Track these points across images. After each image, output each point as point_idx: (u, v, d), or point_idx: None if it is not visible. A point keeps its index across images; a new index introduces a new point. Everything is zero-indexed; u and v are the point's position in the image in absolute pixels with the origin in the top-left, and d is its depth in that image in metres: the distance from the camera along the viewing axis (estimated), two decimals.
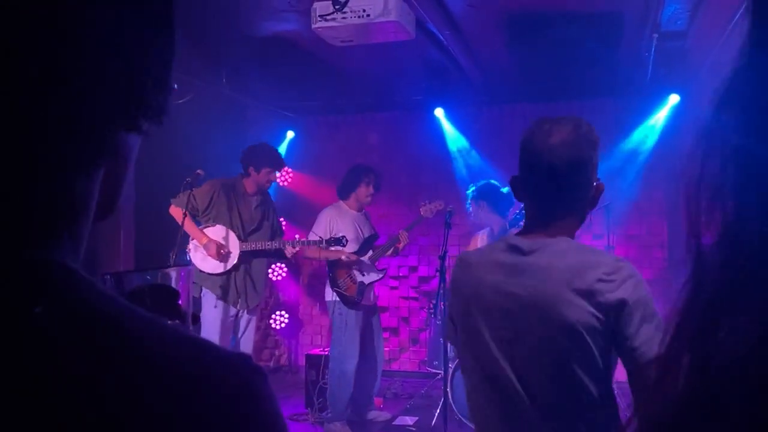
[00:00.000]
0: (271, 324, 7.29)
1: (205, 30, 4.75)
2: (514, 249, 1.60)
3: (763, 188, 0.50)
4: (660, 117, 6.65)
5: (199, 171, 4.86)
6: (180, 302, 0.99)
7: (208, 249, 4.88)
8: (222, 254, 4.91)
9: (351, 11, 3.60)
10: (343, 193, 5.42)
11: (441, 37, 4.99)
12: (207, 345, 0.52)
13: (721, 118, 0.55)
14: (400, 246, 5.42)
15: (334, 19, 3.63)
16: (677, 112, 6.54)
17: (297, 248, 5.17)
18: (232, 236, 5.00)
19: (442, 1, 4.41)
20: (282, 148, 7.46)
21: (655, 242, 6.73)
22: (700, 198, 0.57)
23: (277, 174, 5.18)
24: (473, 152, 7.24)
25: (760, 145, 0.50)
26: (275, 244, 5.10)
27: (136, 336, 0.49)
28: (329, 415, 5.34)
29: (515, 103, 7.13)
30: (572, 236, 1.63)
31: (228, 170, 5.32)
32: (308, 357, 6.41)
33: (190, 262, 4.95)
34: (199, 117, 5.41)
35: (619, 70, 6.00)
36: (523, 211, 4.39)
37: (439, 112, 7.15)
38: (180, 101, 5.04)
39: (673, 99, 6.49)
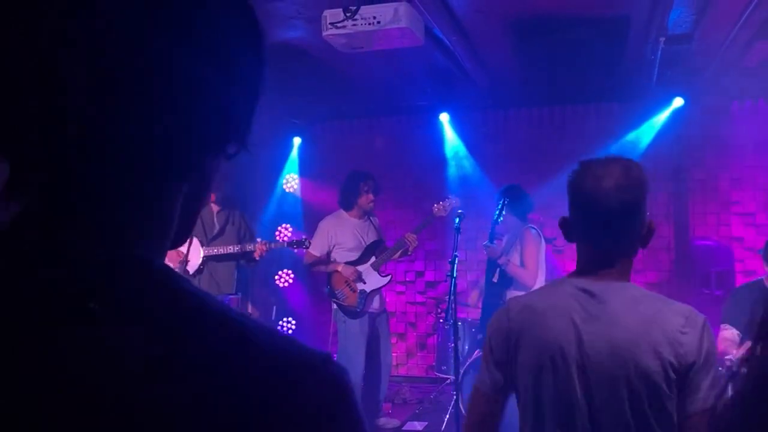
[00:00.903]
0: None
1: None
2: (586, 293, 1.59)
3: None
4: (661, 119, 6.67)
5: None
6: None
7: (168, 255, 4.89)
8: (179, 260, 4.91)
9: (362, 18, 3.62)
10: (346, 205, 5.36)
11: (448, 43, 5.02)
12: (296, 340, 0.55)
13: None
14: (410, 249, 5.36)
15: (344, 27, 3.65)
16: (680, 115, 6.56)
17: (265, 248, 5.16)
18: (195, 242, 5.00)
19: (450, 7, 4.43)
20: (293, 156, 7.52)
21: (661, 245, 6.74)
22: None
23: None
24: (470, 158, 7.25)
25: None
26: (237, 248, 5.11)
27: (242, 329, 0.52)
28: None
29: (520, 107, 7.15)
30: (628, 277, 1.64)
31: (235, 176, 5.34)
32: None
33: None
34: None
35: (624, 73, 6.02)
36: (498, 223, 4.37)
37: (444, 117, 7.17)
38: None
39: (677, 102, 6.51)
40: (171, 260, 4.90)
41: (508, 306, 1.72)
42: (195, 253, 5.00)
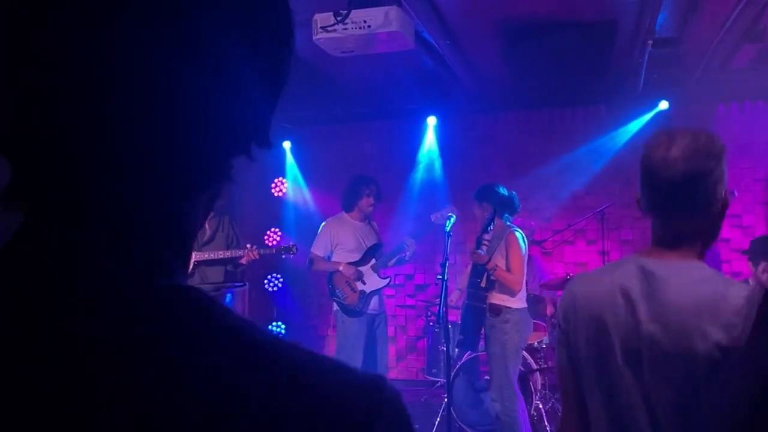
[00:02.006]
0: None
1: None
2: (645, 273, 1.53)
3: None
4: (647, 122, 6.71)
5: None
6: None
7: None
8: None
9: (352, 22, 3.62)
10: (347, 206, 5.45)
11: (437, 47, 5.03)
12: (343, 366, 0.52)
13: None
14: (408, 253, 5.41)
15: (335, 31, 3.65)
16: (667, 117, 6.61)
17: (255, 255, 5.19)
18: None
19: (440, 11, 4.45)
20: (290, 160, 7.51)
21: None
22: None
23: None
24: (449, 162, 7.28)
25: None
26: (228, 253, 5.16)
27: (276, 355, 0.50)
28: None
29: (509, 110, 7.18)
30: (702, 256, 1.55)
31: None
32: None
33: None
34: None
35: (611, 77, 6.06)
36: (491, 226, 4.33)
37: (430, 121, 7.18)
38: None
39: (663, 105, 6.56)
40: None
41: (573, 280, 1.70)
42: None
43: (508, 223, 4.63)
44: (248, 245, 5.25)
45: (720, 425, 1.42)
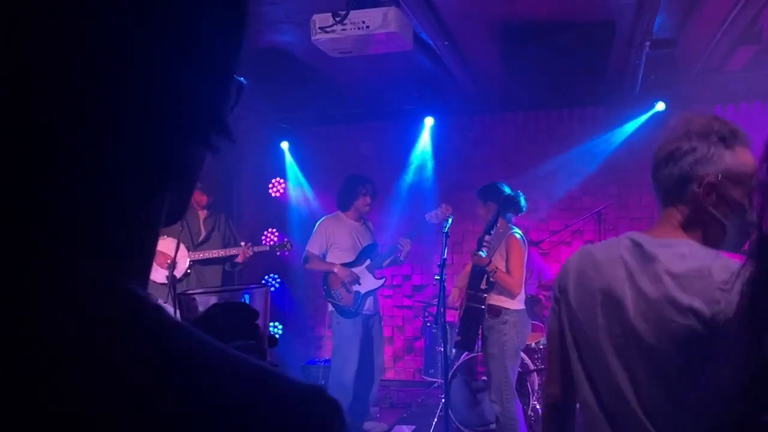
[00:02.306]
0: None
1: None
2: (638, 247, 1.57)
3: None
4: (644, 122, 6.73)
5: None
6: (258, 323, 0.95)
7: (155, 259, 4.88)
8: (167, 264, 4.93)
9: (351, 23, 3.62)
10: (343, 205, 5.46)
11: (435, 48, 5.04)
12: (278, 376, 0.50)
13: None
14: (403, 254, 5.42)
15: (333, 31, 3.65)
16: (664, 118, 6.62)
17: (250, 252, 5.18)
18: (182, 247, 5.03)
19: (438, 12, 4.45)
20: (289, 160, 7.50)
21: None
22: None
23: (203, 198, 5.20)
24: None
25: None
26: (222, 252, 5.16)
27: (204, 365, 0.47)
28: None
29: (506, 111, 7.19)
30: (701, 241, 1.56)
31: (220, 181, 5.33)
32: (304, 368, 6.42)
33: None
34: None
35: (609, 78, 6.07)
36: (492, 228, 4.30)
37: (428, 121, 7.18)
38: None
39: (660, 107, 6.58)
40: (159, 264, 4.89)
41: (578, 251, 1.75)
42: (182, 258, 5.02)
43: (510, 224, 4.60)
44: (243, 243, 5.27)
45: (702, 397, 1.42)
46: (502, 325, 4.42)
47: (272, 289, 7.20)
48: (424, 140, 7.27)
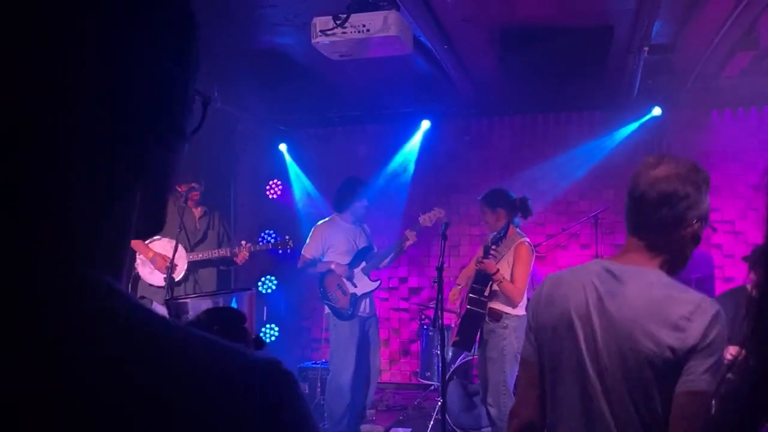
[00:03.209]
0: (260, 337, 7.25)
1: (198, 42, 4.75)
2: (608, 273, 1.66)
3: None
4: (641, 127, 6.74)
5: (194, 185, 4.87)
6: (245, 325, 0.97)
7: (155, 263, 4.89)
8: (167, 267, 4.90)
9: (351, 26, 3.63)
10: (339, 207, 5.44)
11: (434, 51, 5.05)
12: (235, 350, 0.53)
13: None
14: (407, 244, 5.38)
15: (334, 34, 3.66)
16: (661, 123, 6.65)
17: (246, 253, 5.15)
18: (180, 248, 4.99)
19: (437, 16, 4.46)
20: (287, 162, 7.50)
21: None
22: None
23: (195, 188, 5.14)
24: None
25: None
26: (222, 252, 5.11)
27: (166, 342, 0.50)
28: (326, 426, 5.34)
29: (504, 115, 7.20)
30: (665, 271, 1.67)
31: (218, 182, 5.31)
32: (300, 370, 6.41)
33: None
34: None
35: (606, 82, 6.09)
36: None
37: (424, 124, 7.17)
38: None
39: (658, 111, 6.60)
40: (158, 267, 4.87)
41: (545, 278, 1.83)
42: (181, 260, 4.99)
43: (517, 230, 4.56)
44: (243, 242, 5.22)
45: (663, 418, 1.55)
46: (502, 330, 4.41)
47: (269, 291, 7.19)
48: (414, 143, 7.26)
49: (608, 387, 1.60)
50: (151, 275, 4.97)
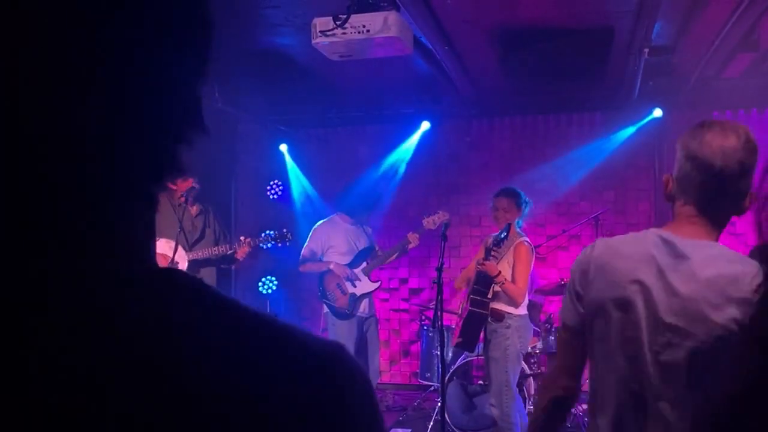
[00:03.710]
0: None
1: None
2: (669, 245, 1.60)
3: None
4: (643, 129, 6.73)
5: (194, 185, 4.87)
6: None
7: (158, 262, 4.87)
8: (167, 266, 4.87)
9: (351, 27, 3.64)
10: (353, 213, 5.45)
11: (434, 52, 5.05)
12: (310, 334, 0.56)
13: None
14: (410, 246, 5.41)
15: (334, 35, 3.66)
16: (663, 125, 6.64)
17: (248, 248, 5.13)
18: (179, 248, 4.99)
19: (437, 17, 4.47)
20: (287, 162, 7.51)
21: None
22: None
23: (189, 181, 5.09)
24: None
25: None
26: (221, 250, 5.09)
27: (254, 325, 0.54)
28: None
29: (504, 116, 7.20)
30: (717, 238, 1.64)
31: (219, 183, 5.31)
32: None
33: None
34: None
35: (607, 84, 6.10)
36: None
37: (424, 125, 7.16)
38: None
39: (659, 112, 6.59)
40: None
41: (594, 244, 1.75)
42: (182, 259, 4.98)
43: (518, 230, 4.57)
44: (242, 237, 5.20)
45: (724, 396, 1.45)
46: (505, 330, 4.41)
47: (269, 291, 7.20)
48: (410, 143, 7.26)
49: (665, 363, 1.55)
50: None
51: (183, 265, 4.99)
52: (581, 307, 1.71)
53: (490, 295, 4.41)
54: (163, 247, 4.91)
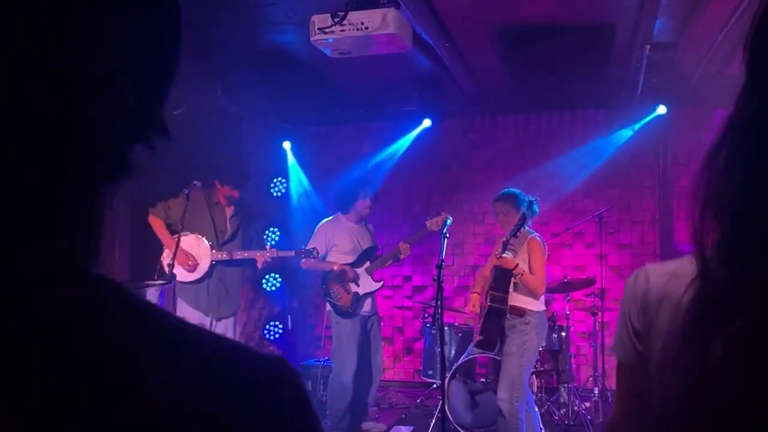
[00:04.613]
0: (264, 335, 7.29)
1: (200, 41, 4.78)
2: None
3: (757, 199, 0.59)
4: (646, 126, 6.70)
5: (195, 182, 4.90)
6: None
7: (178, 258, 4.92)
8: (189, 265, 4.94)
9: (350, 24, 3.64)
10: (343, 207, 5.47)
11: (435, 49, 5.05)
12: (243, 348, 0.54)
13: (724, 144, 0.66)
14: (401, 257, 5.47)
15: (332, 32, 3.67)
16: (666, 122, 6.61)
17: (269, 258, 5.17)
18: (205, 245, 5.04)
19: (438, 13, 4.46)
20: (291, 160, 7.51)
21: (647, 251, 6.80)
22: (704, 211, 0.65)
23: (236, 192, 5.16)
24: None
25: (757, 168, 0.59)
26: (247, 254, 5.13)
27: (178, 338, 0.52)
28: (328, 423, 5.36)
29: (508, 113, 7.19)
30: None
31: (250, 175, 5.35)
32: (303, 368, 6.43)
33: (172, 277, 4.94)
34: (193, 128, 5.42)
35: (610, 81, 6.07)
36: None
37: (425, 123, 7.15)
38: (174, 113, 5.05)
39: (661, 110, 6.56)
40: (180, 262, 4.90)
41: (647, 271, 1.54)
42: (205, 258, 5.02)
43: (527, 227, 4.64)
44: (267, 246, 5.27)
45: None
46: (524, 326, 4.49)
47: (273, 289, 7.21)
48: (406, 140, 7.25)
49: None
50: (174, 270, 5.00)
51: (205, 263, 5.04)
52: (638, 342, 1.55)
53: (510, 289, 4.48)
54: (191, 243, 4.98)
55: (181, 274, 4.99)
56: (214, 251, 5.07)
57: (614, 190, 6.84)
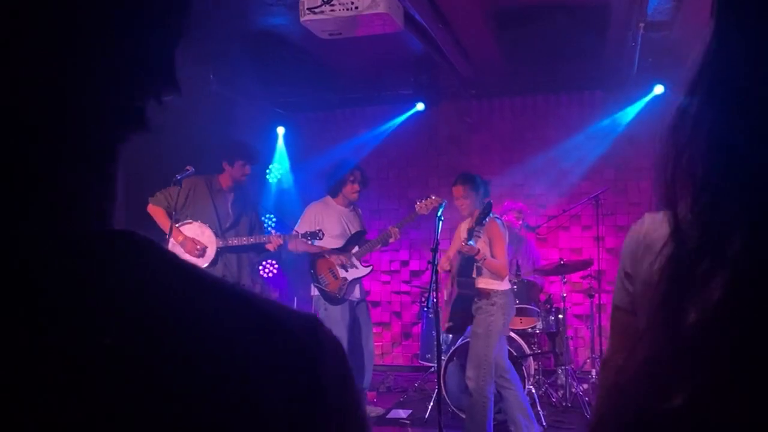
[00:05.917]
0: None
1: (191, 24, 4.73)
2: None
3: (727, 159, 0.57)
4: (643, 107, 6.67)
5: (188, 167, 4.86)
6: None
7: (184, 246, 4.89)
8: (197, 251, 4.92)
9: (339, 4, 3.60)
10: (331, 191, 5.41)
11: (429, 30, 5.00)
12: (281, 304, 0.55)
13: (692, 99, 0.63)
14: (391, 241, 5.42)
15: (322, 12, 3.63)
16: (663, 102, 6.57)
17: (281, 240, 5.13)
18: (209, 233, 5.01)
19: None
20: (280, 146, 7.48)
21: None
22: (674, 169, 0.63)
23: (248, 168, 5.12)
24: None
25: (726, 121, 0.57)
26: (252, 239, 5.10)
27: (220, 293, 0.52)
28: None
29: (504, 96, 7.15)
30: None
31: (216, 167, 5.28)
32: None
33: None
34: (186, 114, 5.38)
35: (606, 62, 6.03)
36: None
37: (419, 107, 7.11)
38: (164, 98, 5.00)
39: (658, 90, 6.52)
40: (188, 251, 4.87)
41: (646, 218, 1.66)
42: (211, 244, 5.00)
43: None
44: (273, 231, 5.22)
45: None
46: (490, 307, 4.51)
47: (270, 275, 7.20)
48: (417, 125, 7.22)
49: None
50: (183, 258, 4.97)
51: (211, 250, 5.01)
52: (630, 286, 1.64)
53: (474, 275, 4.50)
54: (195, 230, 4.95)
55: (191, 261, 4.95)
56: (218, 239, 5.04)
57: (610, 171, 6.81)
